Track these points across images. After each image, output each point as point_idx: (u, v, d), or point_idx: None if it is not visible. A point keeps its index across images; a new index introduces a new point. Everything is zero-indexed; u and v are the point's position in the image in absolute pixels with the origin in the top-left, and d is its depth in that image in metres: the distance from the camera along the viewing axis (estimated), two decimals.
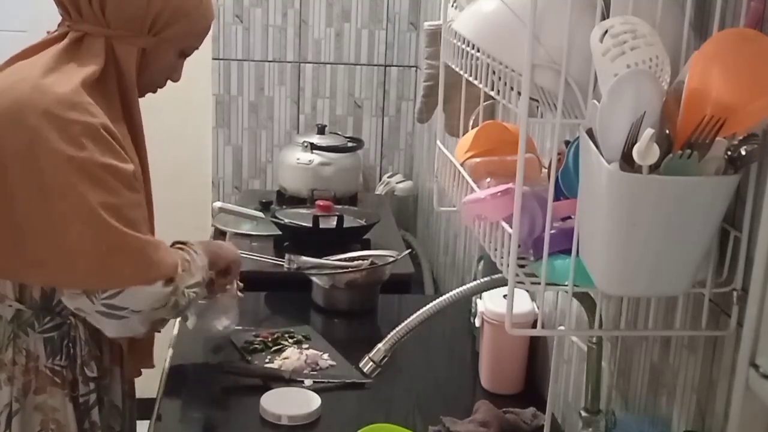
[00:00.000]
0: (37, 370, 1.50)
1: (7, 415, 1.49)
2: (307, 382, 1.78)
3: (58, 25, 1.54)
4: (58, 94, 1.38)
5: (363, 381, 1.75)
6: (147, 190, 1.56)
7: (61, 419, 1.51)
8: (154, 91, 1.64)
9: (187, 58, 1.66)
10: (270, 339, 1.94)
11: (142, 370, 1.74)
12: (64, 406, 1.51)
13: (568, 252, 1.02)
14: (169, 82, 1.64)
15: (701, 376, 1.13)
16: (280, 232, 2.57)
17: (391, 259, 2.23)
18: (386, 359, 1.33)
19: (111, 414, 1.62)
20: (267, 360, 1.87)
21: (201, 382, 1.81)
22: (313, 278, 2.19)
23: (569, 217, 1.07)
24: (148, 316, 1.46)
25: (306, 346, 1.93)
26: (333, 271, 2.17)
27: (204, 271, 1.58)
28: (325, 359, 1.87)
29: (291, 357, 1.86)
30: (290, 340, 1.95)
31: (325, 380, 1.79)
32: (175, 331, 1.95)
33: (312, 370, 1.82)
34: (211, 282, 1.68)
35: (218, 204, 2.94)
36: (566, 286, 1.03)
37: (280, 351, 1.90)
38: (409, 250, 2.47)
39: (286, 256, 2.17)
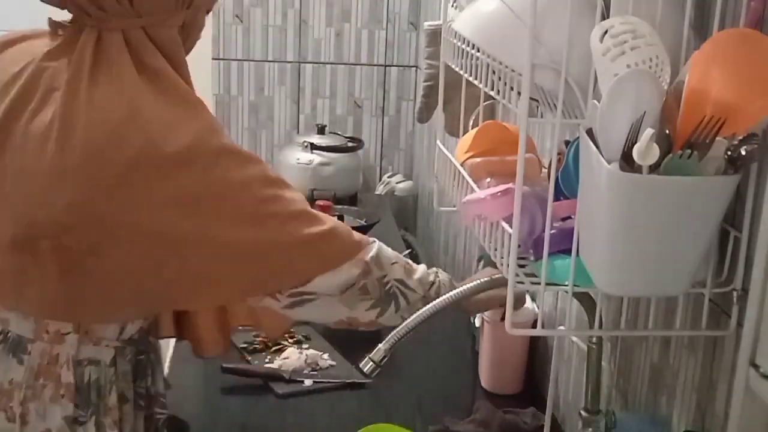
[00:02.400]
0: (127, 399, 1.37)
1: None
2: (307, 382, 1.78)
3: (51, 26, 1.29)
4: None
5: (363, 381, 1.75)
6: None
7: None
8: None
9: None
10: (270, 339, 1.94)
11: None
12: (141, 426, 1.40)
13: (568, 252, 1.02)
14: None
15: (701, 376, 1.13)
16: None
17: None
18: (386, 359, 1.32)
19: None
20: (267, 360, 1.87)
21: (201, 382, 1.81)
22: None
23: (569, 217, 1.07)
24: (341, 300, 1.34)
25: (306, 346, 1.93)
26: None
27: (426, 287, 1.41)
28: (325, 359, 1.87)
29: (291, 357, 1.86)
30: (290, 340, 1.95)
31: (325, 380, 1.79)
32: None
33: (312, 370, 1.82)
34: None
35: None
36: (566, 286, 1.03)
37: (280, 351, 1.90)
38: (409, 250, 2.47)
39: None
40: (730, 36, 0.95)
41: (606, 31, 0.93)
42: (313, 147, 3.08)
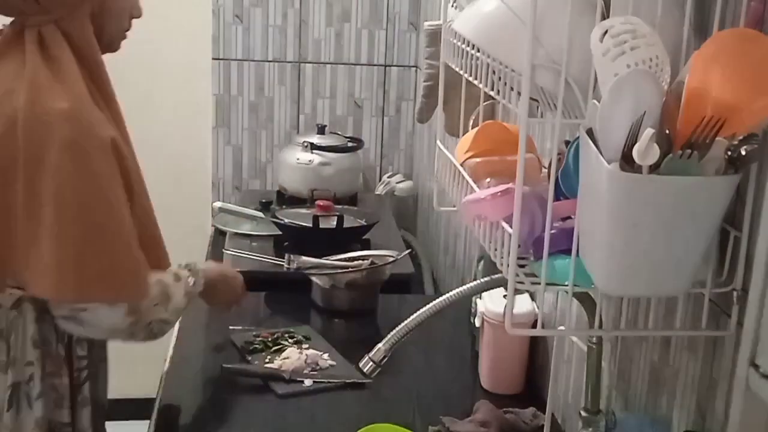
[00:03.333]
0: (50, 354, 1.51)
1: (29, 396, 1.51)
2: (307, 382, 1.78)
3: None
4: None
5: (363, 381, 1.75)
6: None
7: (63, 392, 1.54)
8: (124, 38, 1.60)
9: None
10: (270, 339, 1.94)
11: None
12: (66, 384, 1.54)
13: (568, 252, 1.02)
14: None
15: (701, 376, 1.13)
16: (280, 232, 2.57)
17: (391, 259, 2.22)
18: (386, 359, 1.33)
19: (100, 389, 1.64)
20: (267, 360, 1.86)
21: (201, 382, 1.81)
22: (313, 278, 2.19)
23: (569, 217, 1.07)
24: (107, 335, 1.53)
25: (306, 346, 1.93)
26: (333, 271, 2.17)
27: (188, 298, 1.63)
28: (325, 359, 1.87)
29: (291, 357, 1.86)
30: (290, 340, 1.95)
31: (325, 380, 1.79)
32: (176, 330, 1.95)
33: (312, 370, 1.82)
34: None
35: (218, 204, 2.94)
36: (566, 286, 1.03)
37: (280, 351, 1.90)
38: (409, 250, 2.47)
39: (286, 256, 2.17)
40: (730, 36, 0.95)
41: (606, 31, 0.93)
42: (313, 147, 3.08)
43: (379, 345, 1.32)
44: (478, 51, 1.15)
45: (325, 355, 1.88)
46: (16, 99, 1.41)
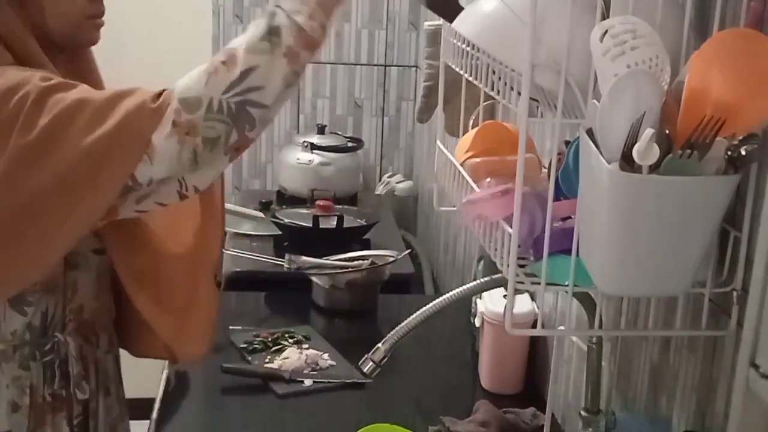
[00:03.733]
0: (35, 404, 1.35)
1: None
2: (307, 382, 1.78)
3: None
4: None
5: (363, 381, 1.75)
6: None
7: None
8: (97, 26, 1.35)
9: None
10: (270, 339, 1.94)
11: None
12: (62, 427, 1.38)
13: (568, 252, 1.02)
14: None
15: (701, 376, 1.13)
16: (280, 232, 2.57)
17: (391, 259, 2.23)
18: (386, 359, 1.33)
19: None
20: (267, 360, 1.87)
21: (201, 382, 1.81)
22: (313, 278, 2.19)
23: (569, 217, 1.07)
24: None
25: (306, 346, 1.93)
26: (333, 271, 2.17)
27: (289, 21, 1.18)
28: (325, 359, 1.87)
29: (291, 357, 1.86)
30: (290, 340, 1.95)
31: (325, 380, 1.79)
32: None
33: (312, 370, 1.82)
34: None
35: None
36: (566, 286, 1.03)
37: (280, 351, 1.90)
38: (409, 250, 2.47)
39: (286, 256, 2.17)
40: (730, 36, 0.95)
41: (606, 31, 0.93)
42: (313, 147, 3.08)
43: (379, 345, 1.32)
44: (478, 51, 1.15)
45: (325, 355, 1.88)
46: None
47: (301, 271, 2.17)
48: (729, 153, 0.91)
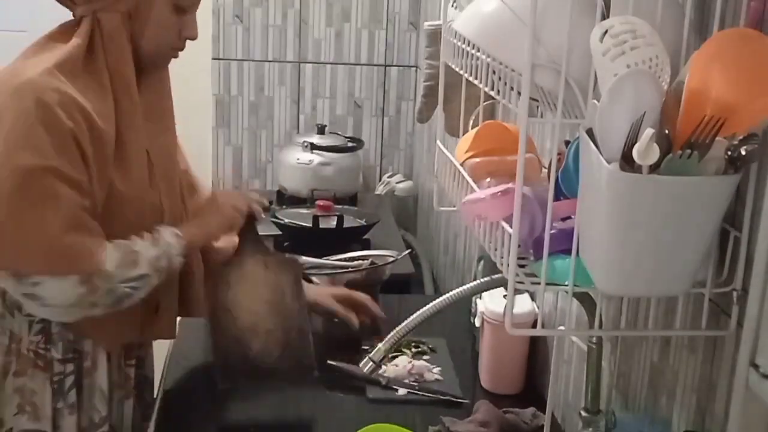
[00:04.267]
0: (19, 352, 1.50)
1: None
2: (402, 391, 1.76)
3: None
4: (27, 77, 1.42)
5: (460, 400, 1.73)
6: (140, 174, 1.53)
7: (38, 402, 1.51)
8: (175, 56, 1.60)
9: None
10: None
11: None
12: (43, 389, 1.51)
13: (568, 252, 1.02)
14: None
15: (701, 376, 1.13)
16: (280, 232, 2.57)
17: (391, 259, 2.22)
18: (386, 359, 1.32)
19: (94, 398, 1.57)
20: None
21: (201, 382, 1.81)
22: (313, 278, 2.19)
23: (569, 217, 1.06)
24: (68, 312, 1.46)
25: (426, 357, 1.89)
26: (333, 271, 2.17)
27: (162, 249, 1.52)
28: (434, 373, 1.83)
29: (399, 364, 1.84)
30: (414, 349, 1.92)
31: (420, 392, 1.76)
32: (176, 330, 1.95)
33: (414, 381, 1.80)
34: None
35: None
36: (566, 286, 1.03)
37: (396, 357, 1.87)
38: (409, 250, 2.47)
39: (286, 256, 2.17)
40: (730, 36, 0.95)
41: (606, 31, 0.93)
42: (313, 147, 3.08)
43: (379, 345, 1.32)
44: (479, 51, 1.15)
45: (435, 369, 1.84)
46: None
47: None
48: (729, 153, 0.91)
